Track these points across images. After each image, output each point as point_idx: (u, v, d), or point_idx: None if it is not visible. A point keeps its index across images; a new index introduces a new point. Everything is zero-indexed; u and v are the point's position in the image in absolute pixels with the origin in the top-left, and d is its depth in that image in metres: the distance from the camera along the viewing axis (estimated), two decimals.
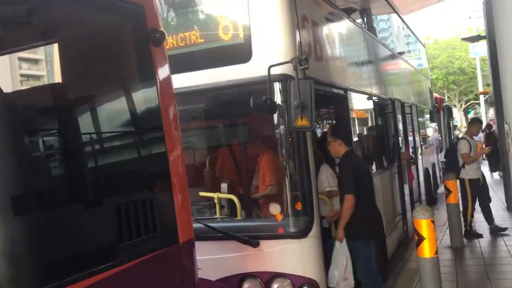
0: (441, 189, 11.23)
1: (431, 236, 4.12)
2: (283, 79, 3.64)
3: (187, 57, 4.03)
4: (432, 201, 10.79)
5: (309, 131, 3.67)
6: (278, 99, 3.70)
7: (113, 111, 2.48)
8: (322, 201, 4.20)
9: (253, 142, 4.28)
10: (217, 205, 4.21)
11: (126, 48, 2.65)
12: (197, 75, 3.97)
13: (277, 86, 3.74)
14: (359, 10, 7.14)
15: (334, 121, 5.76)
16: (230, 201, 4.15)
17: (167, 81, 2.77)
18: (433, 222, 4.16)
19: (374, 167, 6.60)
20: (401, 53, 10.52)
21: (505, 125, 2.51)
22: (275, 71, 3.67)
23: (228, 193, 4.19)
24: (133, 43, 2.66)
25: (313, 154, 3.90)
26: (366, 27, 7.19)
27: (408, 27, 12.29)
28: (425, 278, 4.29)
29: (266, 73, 3.58)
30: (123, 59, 2.62)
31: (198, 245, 4.10)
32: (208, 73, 3.91)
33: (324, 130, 6.42)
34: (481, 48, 26.49)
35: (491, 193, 11.67)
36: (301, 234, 3.79)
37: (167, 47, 4.06)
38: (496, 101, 10.11)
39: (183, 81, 3.95)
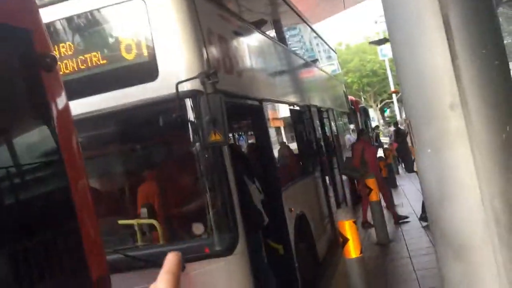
0: None
1: (354, 236, 4.20)
2: (192, 95, 3.56)
3: (92, 79, 3.83)
4: (357, 200, 11.15)
5: (223, 145, 3.60)
6: (189, 115, 3.60)
7: (3, 146, 2.25)
8: None
9: (170, 162, 4.14)
10: (138, 232, 4.01)
11: (11, 76, 2.44)
12: (105, 97, 3.78)
13: (187, 102, 3.64)
14: (269, 22, 7.24)
15: (251, 132, 5.75)
16: (152, 226, 3.97)
17: (64, 107, 2.58)
18: (355, 222, 4.24)
19: (298, 174, 6.68)
20: (314, 61, 10.84)
21: (405, 122, 2.60)
22: (184, 87, 3.59)
23: (149, 218, 4.01)
24: (19, 70, 2.46)
25: (231, 167, 3.83)
26: (277, 38, 7.32)
27: (318, 35, 12.72)
28: (353, 278, 4.36)
29: (174, 90, 3.48)
30: (9, 88, 2.40)
31: (122, 277, 3.92)
32: (116, 95, 3.74)
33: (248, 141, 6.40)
34: (389, 50, 28.18)
35: (410, 185, 12.41)
36: (226, 251, 3.70)
37: (69, 71, 3.87)
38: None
39: (90, 105, 3.75)
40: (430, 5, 2.57)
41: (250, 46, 5.48)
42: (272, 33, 7.11)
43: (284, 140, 6.55)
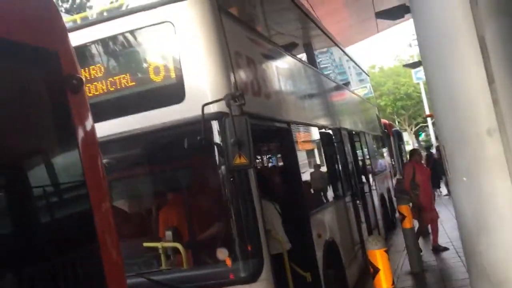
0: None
1: (385, 266, 4.01)
2: (217, 117, 3.52)
3: (119, 101, 3.86)
4: (391, 226, 10.83)
5: (249, 168, 3.52)
6: (214, 138, 3.56)
7: (28, 168, 2.25)
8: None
9: (195, 185, 4.09)
10: (162, 255, 3.95)
11: (38, 97, 2.45)
12: (131, 119, 3.79)
13: (212, 124, 3.61)
14: (300, 45, 7.22)
15: (279, 156, 5.66)
16: (176, 250, 3.91)
17: (89, 129, 2.57)
18: (386, 252, 4.06)
19: (327, 198, 6.53)
20: (345, 84, 10.73)
21: (441, 149, 2.47)
22: (209, 109, 3.56)
23: (174, 241, 3.95)
24: (47, 92, 2.47)
25: (257, 191, 3.75)
26: (307, 61, 7.27)
27: (350, 58, 12.63)
28: None
29: (200, 112, 3.46)
30: (36, 109, 2.41)
31: None
32: (142, 117, 3.74)
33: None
34: (423, 74, 27.78)
35: (446, 212, 11.95)
36: (251, 278, 3.59)
37: (97, 93, 3.91)
38: None
39: (116, 126, 3.77)
40: (466, 27, 2.45)
41: (279, 69, 5.44)
42: (302, 55, 7.07)
43: (314, 163, 6.42)
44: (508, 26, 2.20)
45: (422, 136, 42.86)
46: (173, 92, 3.74)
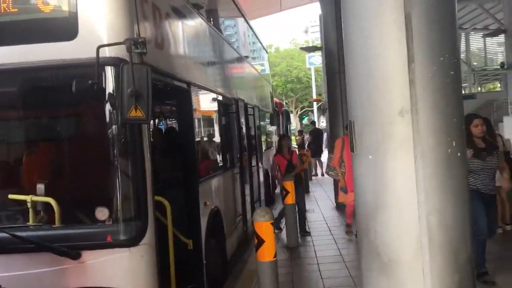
0: (278, 190, 11.68)
1: (270, 238, 4.01)
2: (115, 62, 3.14)
3: None
4: (270, 201, 11.12)
5: (144, 124, 3.22)
6: (109, 85, 3.18)
7: None
8: None
9: (80, 135, 3.65)
10: (30, 210, 3.49)
11: None
12: (9, 51, 3.24)
13: (108, 70, 3.22)
14: (206, 9, 6.89)
15: (175, 118, 5.37)
16: (48, 205, 3.47)
17: None
18: (272, 224, 4.05)
19: (217, 167, 6.41)
20: (246, 57, 10.64)
21: (349, 124, 2.41)
22: (106, 53, 3.17)
23: (46, 195, 3.50)
24: None
25: (149, 150, 3.46)
26: (213, 24, 6.99)
27: (254, 32, 12.54)
28: (263, 281, 4.17)
29: (94, 54, 3.06)
30: None
31: (7, 259, 3.39)
32: (24, 50, 3.22)
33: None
34: (316, 59, 28.91)
35: (322, 192, 12.63)
36: (132, 241, 3.32)
37: None
38: (329, 106, 10.84)
39: None
40: (394, 2, 2.41)
41: (185, 25, 5.11)
42: (209, 17, 6.75)
43: (208, 130, 6.23)
44: (434, 8, 2.18)
45: (305, 120, 44.91)
46: (63, 27, 3.27)
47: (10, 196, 3.59)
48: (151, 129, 5.54)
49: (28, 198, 3.48)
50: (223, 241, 5.86)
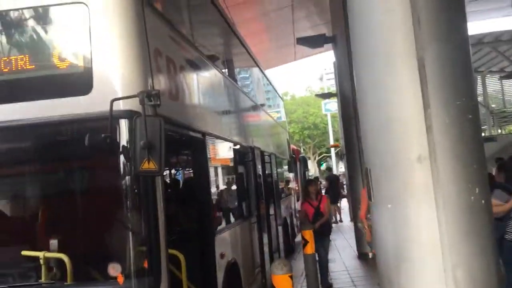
0: (298, 238, 11.42)
1: None
2: (128, 115, 3.15)
3: (13, 85, 3.34)
4: (290, 250, 10.85)
5: (157, 176, 3.18)
6: (122, 138, 3.18)
7: None
8: None
9: (92, 190, 3.62)
10: (43, 267, 3.42)
11: None
12: (26, 107, 3.29)
13: (122, 124, 3.22)
14: (223, 57, 7.02)
15: (190, 169, 5.33)
16: (61, 262, 3.40)
17: None
18: (291, 277, 3.88)
19: (234, 216, 6.30)
20: (262, 105, 10.73)
21: (366, 171, 2.33)
22: (119, 106, 3.18)
23: (59, 251, 3.44)
24: None
25: (162, 202, 3.40)
26: (228, 74, 7.09)
27: (268, 81, 12.71)
28: None
29: (107, 108, 3.07)
30: None
31: None
32: (39, 106, 3.26)
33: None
34: (332, 106, 29.07)
35: (343, 240, 12.29)
36: None
37: None
38: (347, 152, 10.75)
39: (7, 113, 3.26)
40: (406, 48, 2.35)
41: (199, 77, 5.17)
42: (224, 68, 6.85)
43: (224, 180, 6.17)
44: (448, 52, 2.13)
45: (323, 166, 44.67)
46: (79, 81, 3.31)
47: (24, 252, 3.53)
48: (167, 180, 5.57)
49: (41, 254, 3.42)
50: None
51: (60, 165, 3.53)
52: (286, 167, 13.47)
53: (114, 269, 3.27)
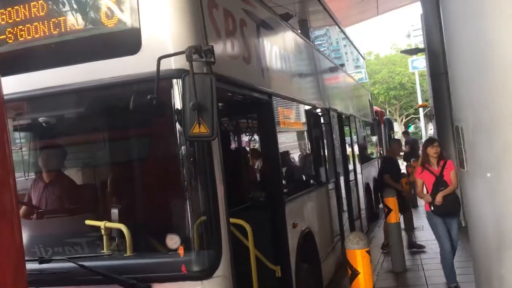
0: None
1: (366, 269, 3.41)
2: (176, 74, 2.83)
3: (61, 48, 3.16)
4: (373, 217, 10.32)
5: (209, 140, 2.85)
6: (170, 100, 2.88)
7: None
8: None
9: (147, 156, 3.40)
10: (104, 237, 3.30)
11: None
12: (72, 71, 3.10)
13: (171, 83, 2.92)
14: (294, 18, 6.48)
15: (256, 133, 4.99)
16: (120, 233, 3.26)
17: None
18: (368, 252, 3.45)
19: (307, 184, 5.92)
20: (341, 65, 10.07)
21: (457, 130, 1.81)
22: (171, 65, 2.88)
23: (120, 221, 3.29)
24: None
25: (221, 170, 3.10)
26: (301, 31, 6.56)
27: (349, 39, 11.92)
28: None
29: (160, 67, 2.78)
30: None
31: None
32: (85, 69, 3.05)
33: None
34: (420, 63, 27.12)
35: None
36: (204, 274, 2.96)
37: (30, 36, 3.19)
38: (436, 112, 9.83)
39: (53, 78, 3.09)
40: None
41: (264, 32, 4.73)
42: (294, 25, 6.32)
43: (296, 144, 5.77)
44: None
45: (412, 128, 42.50)
46: (126, 40, 3.05)
47: (87, 221, 3.43)
48: (234, 145, 5.29)
49: (101, 224, 3.29)
50: (317, 266, 5.33)
51: (110, 132, 3.34)
52: (368, 129, 12.75)
53: (172, 241, 3.06)
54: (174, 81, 2.92)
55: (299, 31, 6.51)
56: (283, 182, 4.47)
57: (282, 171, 4.42)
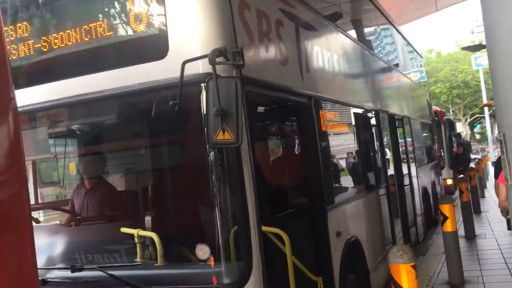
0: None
1: (411, 286, 3.13)
2: (204, 78, 2.72)
3: (88, 55, 3.15)
4: (432, 223, 9.78)
5: (234, 147, 2.71)
6: (194, 105, 2.78)
7: None
8: None
9: (177, 164, 3.32)
10: (138, 245, 3.25)
11: None
12: (98, 78, 3.07)
13: (198, 88, 2.82)
14: (336, 12, 6.23)
15: (296, 137, 4.79)
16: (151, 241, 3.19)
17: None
18: (414, 267, 3.17)
19: (355, 189, 5.65)
20: (395, 65, 9.64)
21: (499, 136, 1.56)
22: (199, 69, 2.79)
23: (153, 229, 3.24)
24: None
25: (251, 177, 2.95)
26: (345, 30, 6.30)
27: (404, 38, 11.42)
28: None
29: (186, 72, 2.69)
30: None
31: None
32: (112, 76, 3.01)
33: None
34: (484, 60, 25.67)
35: (497, 211, 10.69)
36: (234, 286, 2.83)
37: (55, 46, 3.20)
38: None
39: (80, 87, 3.09)
40: None
41: (305, 33, 4.53)
42: (337, 22, 6.06)
43: (341, 147, 5.52)
44: None
45: (477, 128, 40.44)
46: (153, 45, 2.99)
47: (122, 229, 3.40)
48: (273, 150, 5.11)
49: (135, 232, 3.25)
50: (365, 277, 5.06)
51: (140, 139, 3.30)
52: (427, 131, 12.14)
53: (202, 251, 2.95)
54: (203, 85, 2.82)
55: (345, 31, 6.25)
56: (325, 188, 4.26)
57: (322, 177, 4.20)
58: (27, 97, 3.09)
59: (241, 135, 2.57)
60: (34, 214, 3.83)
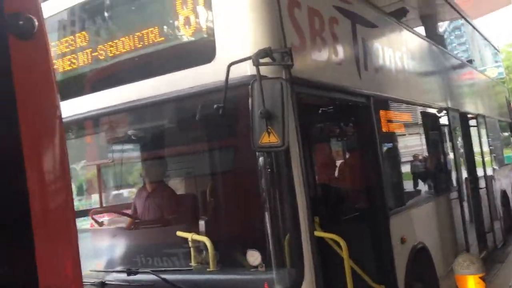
0: None
1: None
2: (248, 80, 2.66)
3: (139, 62, 3.21)
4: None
5: (280, 151, 2.62)
6: (239, 108, 2.73)
7: None
8: None
9: (228, 168, 3.27)
10: (192, 250, 3.25)
11: None
12: (148, 84, 3.11)
13: (245, 91, 2.76)
14: (398, 7, 5.94)
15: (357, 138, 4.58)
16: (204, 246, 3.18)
17: (43, 90, 1.87)
18: (483, 278, 2.89)
19: (421, 192, 5.35)
20: (469, 61, 9.07)
21: None
22: (247, 71, 2.73)
23: (206, 233, 3.22)
24: None
25: (302, 181, 2.85)
26: (410, 26, 5.99)
27: (479, 32, 10.72)
28: None
29: (235, 75, 2.65)
30: None
31: None
32: (160, 81, 3.04)
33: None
34: None
35: None
36: None
37: (103, 57, 3.27)
38: None
39: (131, 93, 3.15)
40: None
41: (363, 30, 4.33)
42: (401, 19, 5.75)
43: (404, 149, 5.23)
44: None
45: None
46: (200, 48, 2.97)
47: (178, 233, 3.42)
48: (329, 156, 4.92)
49: (189, 236, 3.26)
50: (435, 286, 4.75)
51: (191, 144, 3.30)
52: (507, 130, 11.33)
53: (253, 257, 2.89)
54: (249, 87, 2.76)
55: (411, 27, 5.94)
56: (387, 192, 4.05)
57: (383, 180, 4.00)
58: (84, 104, 3.21)
59: (287, 138, 2.47)
60: (98, 217, 3.97)
